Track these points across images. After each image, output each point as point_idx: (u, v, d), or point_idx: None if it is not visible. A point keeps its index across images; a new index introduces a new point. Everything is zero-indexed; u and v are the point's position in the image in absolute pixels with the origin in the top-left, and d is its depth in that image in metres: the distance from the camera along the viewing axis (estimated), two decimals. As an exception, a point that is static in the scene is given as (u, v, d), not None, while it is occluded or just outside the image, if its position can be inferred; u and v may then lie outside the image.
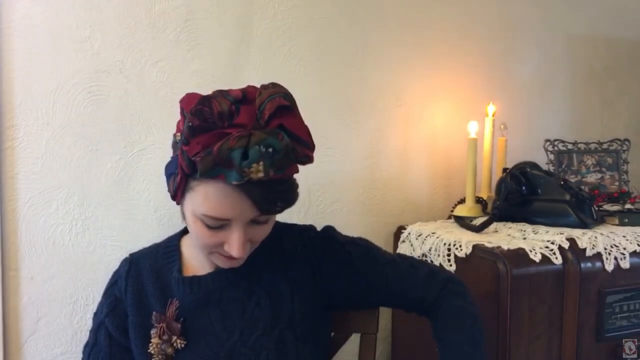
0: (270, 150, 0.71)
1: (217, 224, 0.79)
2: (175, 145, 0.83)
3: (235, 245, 0.79)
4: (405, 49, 1.47)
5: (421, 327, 1.29)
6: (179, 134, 0.81)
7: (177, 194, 0.83)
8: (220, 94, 0.76)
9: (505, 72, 1.61)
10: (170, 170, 0.84)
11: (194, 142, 0.74)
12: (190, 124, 0.74)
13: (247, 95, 0.77)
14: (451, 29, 1.53)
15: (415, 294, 0.94)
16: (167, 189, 0.86)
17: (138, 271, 0.93)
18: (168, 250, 0.95)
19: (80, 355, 0.95)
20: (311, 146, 0.79)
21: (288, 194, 0.79)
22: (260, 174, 0.71)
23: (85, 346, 0.94)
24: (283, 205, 0.79)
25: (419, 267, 0.97)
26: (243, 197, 0.75)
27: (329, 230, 0.99)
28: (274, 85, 0.79)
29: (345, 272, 0.93)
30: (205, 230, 0.80)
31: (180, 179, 0.80)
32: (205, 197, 0.77)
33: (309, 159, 0.80)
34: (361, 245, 0.98)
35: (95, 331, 0.93)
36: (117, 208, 1.23)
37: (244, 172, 0.71)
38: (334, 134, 1.41)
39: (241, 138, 0.71)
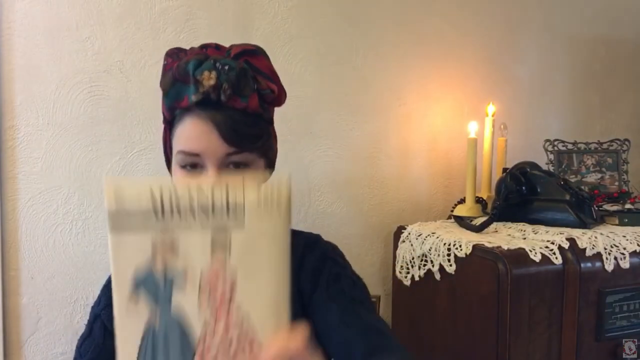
0: (227, 67, 0.75)
1: (190, 161, 0.78)
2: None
3: None
4: (405, 49, 1.47)
5: (421, 327, 1.29)
6: None
7: (167, 152, 0.84)
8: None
9: (505, 72, 1.61)
10: (163, 141, 0.86)
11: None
12: (164, 62, 0.78)
13: (219, 46, 0.83)
14: (451, 29, 1.53)
15: (354, 339, 0.76)
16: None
17: None
18: None
19: None
20: (275, 80, 0.81)
21: (251, 129, 0.77)
22: (212, 81, 0.74)
23: (80, 337, 0.93)
24: (250, 140, 0.77)
25: (380, 321, 0.81)
26: (210, 127, 0.75)
27: (327, 244, 0.92)
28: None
29: (313, 285, 0.84)
30: (184, 175, 0.79)
31: (164, 131, 0.83)
32: (179, 135, 0.79)
33: (272, 93, 0.80)
34: (342, 269, 0.87)
35: (91, 323, 0.92)
36: (117, 208, 1.22)
37: (197, 80, 0.74)
38: (334, 134, 1.41)
39: (199, 54, 0.77)
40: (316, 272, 0.87)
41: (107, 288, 0.95)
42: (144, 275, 0.55)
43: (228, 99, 0.75)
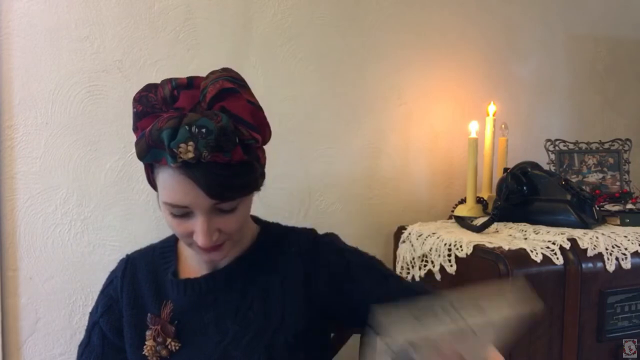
0: (204, 130, 0.69)
1: (179, 212, 0.78)
2: None
3: (199, 234, 0.77)
4: (406, 48, 1.47)
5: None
6: None
7: (153, 187, 0.83)
8: (167, 80, 0.77)
9: (506, 72, 1.61)
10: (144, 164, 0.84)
11: (139, 127, 0.75)
12: (135, 110, 0.75)
13: (193, 81, 0.77)
14: (452, 28, 1.52)
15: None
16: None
17: (134, 271, 0.93)
18: (164, 251, 0.94)
19: None
20: (256, 127, 0.76)
21: (238, 179, 0.75)
22: (190, 154, 0.69)
23: (80, 345, 0.93)
24: (235, 191, 0.76)
25: (424, 286, 0.91)
26: (192, 183, 0.73)
27: (330, 235, 0.96)
28: (223, 69, 0.79)
29: (340, 279, 0.88)
30: (173, 220, 0.79)
31: (146, 170, 0.81)
32: (163, 185, 0.77)
33: (256, 141, 0.76)
34: (364, 256, 0.93)
35: (89, 330, 0.93)
36: (116, 208, 1.22)
37: (173, 152, 0.70)
38: (334, 134, 1.41)
39: (171, 119, 0.71)
40: (342, 268, 0.89)
41: (103, 294, 0.94)
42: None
43: (210, 158, 0.71)
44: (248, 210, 0.84)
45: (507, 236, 1.18)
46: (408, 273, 1.29)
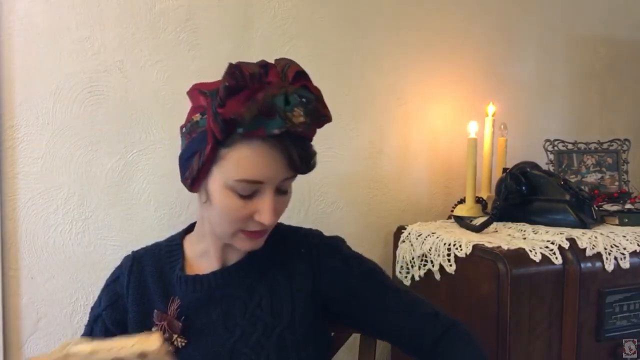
0: (304, 99, 0.76)
1: (250, 190, 0.79)
2: (191, 128, 0.82)
3: (267, 211, 0.79)
4: (405, 48, 1.47)
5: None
6: (198, 115, 0.82)
7: (200, 174, 0.81)
8: (243, 63, 0.79)
9: (505, 72, 1.61)
10: (189, 153, 0.82)
11: (232, 101, 0.75)
12: (226, 84, 0.76)
13: (267, 63, 0.82)
14: (451, 28, 1.53)
15: (417, 326, 0.88)
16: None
17: (140, 268, 0.93)
18: (171, 248, 0.95)
19: None
20: (327, 107, 0.83)
21: (312, 155, 0.83)
22: (301, 119, 0.75)
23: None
24: (310, 166, 0.82)
25: (426, 304, 0.91)
26: (277, 155, 0.77)
27: (336, 239, 0.97)
28: (284, 58, 0.83)
29: (343, 286, 0.90)
30: (237, 201, 0.80)
31: (210, 150, 0.79)
32: (238, 161, 0.78)
33: (327, 119, 0.82)
34: (366, 264, 0.94)
35: (91, 323, 0.93)
36: (117, 208, 1.23)
37: (287, 116, 0.74)
38: (334, 134, 1.41)
39: (281, 87, 0.76)
40: (344, 276, 0.91)
41: (107, 289, 0.95)
42: None
43: (303, 130, 0.77)
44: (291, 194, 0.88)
45: (506, 236, 1.19)
46: (408, 273, 1.30)
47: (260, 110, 0.74)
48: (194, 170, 0.81)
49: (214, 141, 0.78)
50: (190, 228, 0.98)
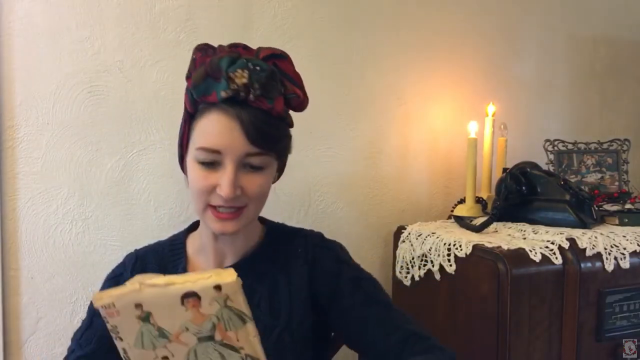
0: (258, 68, 0.77)
1: (210, 159, 0.79)
2: (183, 113, 0.86)
3: (226, 182, 0.78)
4: (405, 49, 1.47)
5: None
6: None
7: (183, 152, 0.85)
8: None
9: (505, 72, 1.61)
10: (179, 135, 0.87)
11: (195, 72, 0.79)
12: (193, 57, 0.79)
13: (247, 47, 0.84)
14: (451, 28, 1.53)
15: (390, 346, 0.82)
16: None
17: (143, 266, 0.93)
18: (174, 247, 0.95)
19: None
20: (300, 86, 0.83)
21: (276, 131, 0.81)
22: (244, 80, 0.75)
23: (78, 330, 0.91)
24: (271, 142, 0.80)
25: (413, 322, 0.87)
26: (232, 124, 0.77)
27: (335, 243, 0.96)
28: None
29: (329, 287, 0.88)
30: (200, 172, 0.80)
31: (184, 124, 0.84)
32: (201, 130, 0.80)
33: (297, 98, 0.82)
34: (358, 272, 0.91)
35: (91, 315, 0.92)
36: (117, 208, 1.23)
37: (229, 77, 0.75)
38: (334, 134, 1.41)
39: (232, 53, 0.79)
40: (333, 277, 0.89)
41: (109, 282, 0.95)
42: None
43: (255, 99, 0.77)
44: (269, 183, 0.86)
45: (506, 236, 1.19)
46: (408, 273, 1.30)
47: (207, 71, 0.77)
48: (179, 150, 0.87)
49: (187, 114, 0.83)
50: (193, 226, 0.98)
